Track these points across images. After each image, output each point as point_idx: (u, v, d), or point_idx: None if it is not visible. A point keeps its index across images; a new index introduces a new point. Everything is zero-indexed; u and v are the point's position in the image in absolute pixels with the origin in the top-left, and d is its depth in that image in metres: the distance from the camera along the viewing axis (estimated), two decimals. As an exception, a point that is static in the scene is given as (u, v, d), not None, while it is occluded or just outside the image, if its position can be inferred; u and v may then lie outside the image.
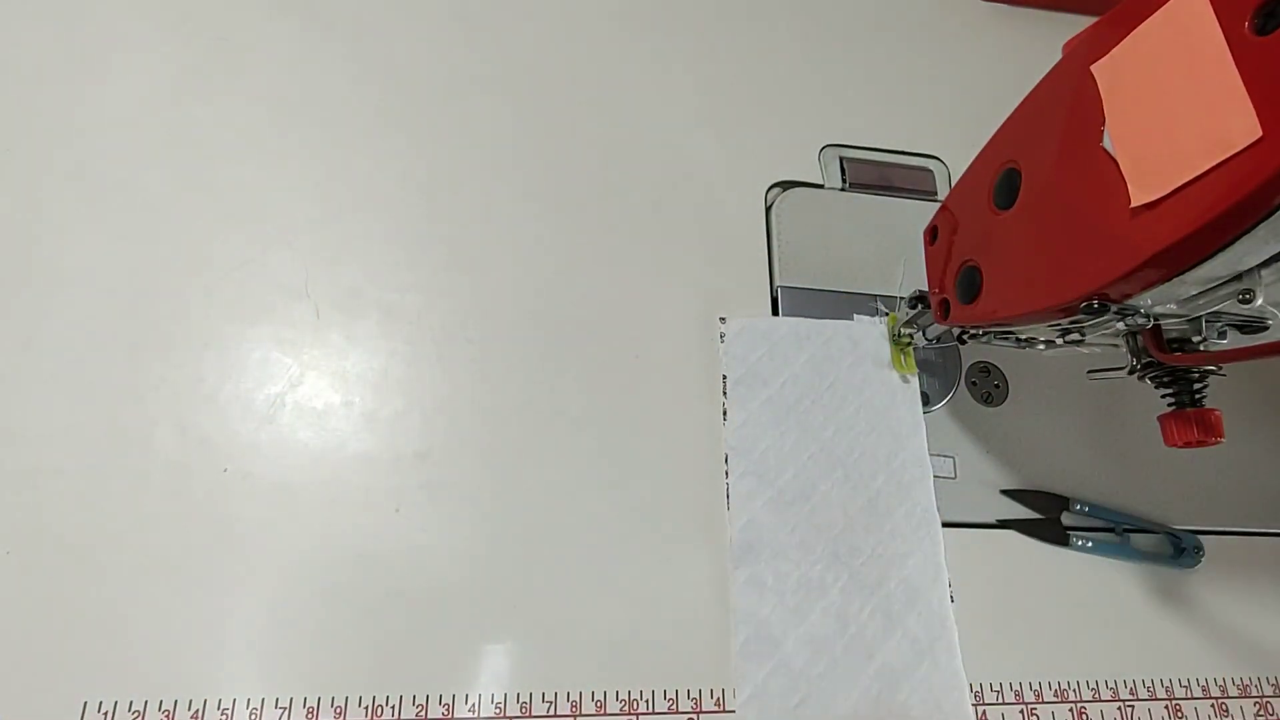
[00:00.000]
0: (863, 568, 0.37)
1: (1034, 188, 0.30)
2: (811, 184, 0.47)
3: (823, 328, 0.42)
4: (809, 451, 0.39)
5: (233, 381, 0.37)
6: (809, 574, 0.37)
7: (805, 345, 0.42)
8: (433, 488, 0.36)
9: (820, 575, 0.37)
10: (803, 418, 0.40)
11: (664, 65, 0.48)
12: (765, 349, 0.41)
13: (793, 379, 0.41)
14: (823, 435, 0.40)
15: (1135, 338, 0.30)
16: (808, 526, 0.38)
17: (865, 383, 0.41)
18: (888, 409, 0.41)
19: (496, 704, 0.33)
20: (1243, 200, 0.21)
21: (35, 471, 0.34)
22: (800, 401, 0.40)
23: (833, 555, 0.37)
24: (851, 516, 0.38)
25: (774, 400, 0.40)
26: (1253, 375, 0.46)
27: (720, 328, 0.42)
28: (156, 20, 0.44)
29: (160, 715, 0.31)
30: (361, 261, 0.40)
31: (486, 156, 0.44)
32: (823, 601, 0.37)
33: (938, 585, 0.37)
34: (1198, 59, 0.22)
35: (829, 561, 0.37)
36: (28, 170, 0.40)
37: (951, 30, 0.54)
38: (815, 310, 0.43)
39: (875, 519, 0.38)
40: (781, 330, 0.42)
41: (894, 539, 0.38)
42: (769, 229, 0.45)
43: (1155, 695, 0.37)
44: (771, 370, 0.41)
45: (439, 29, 0.47)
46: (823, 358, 0.42)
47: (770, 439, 0.40)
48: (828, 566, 0.37)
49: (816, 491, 0.39)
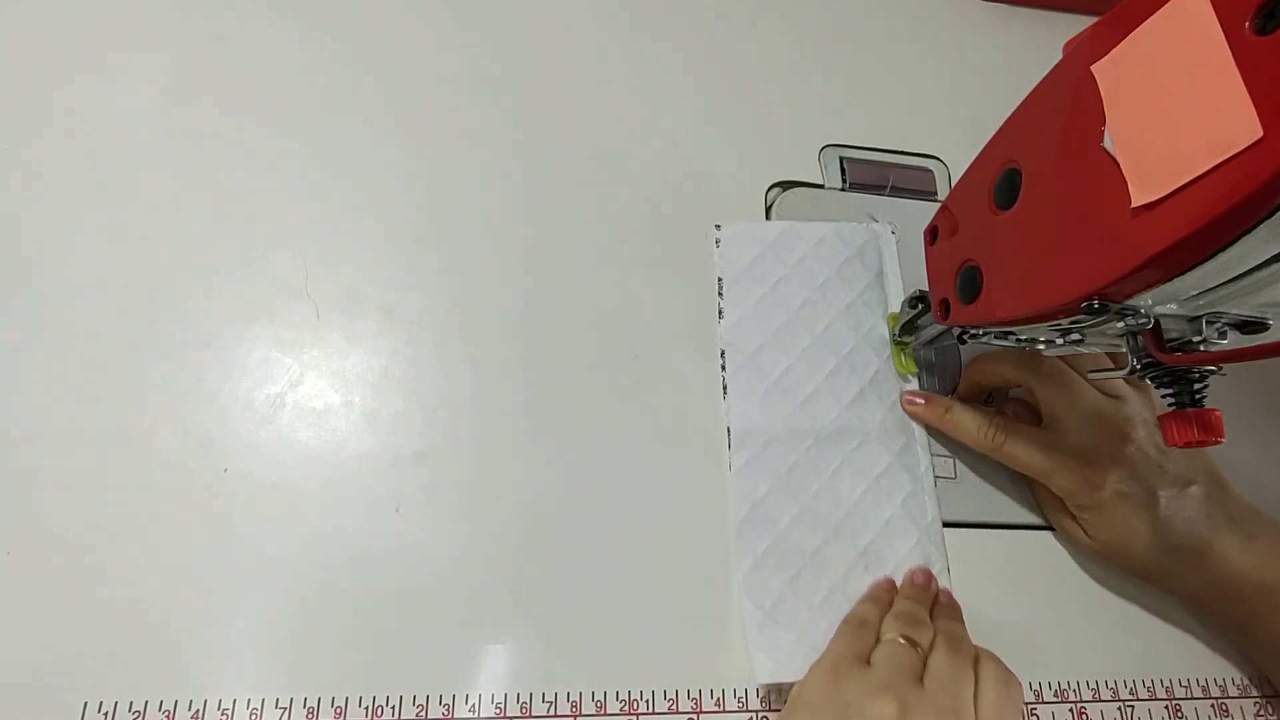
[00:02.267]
0: (856, 452, 0.39)
1: (1034, 188, 0.30)
2: (811, 184, 0.47)
3: (814, 229, 0.44)
4: (803, 345, 0.41)
5: (233, 381, 0.37)
6: (803, 458, 0.39)
7: (797, 246, 0.43)
8: (433, 488, 0.36)
9: (814, 459, 0.39)
10: (796, 314, 0.42)
11: (663, 65, 0.48)
12: (758, 250, 0.43)
13: (785, 278, 0.42)
14: (815, 329, 0.41)
15: (1135, 338, 0.30)
16: (803, 415, 0.40)
17: (856, 279, 0.43)
18: (878, 303, 0.43)
19: (496, 704, 0.33)
20: (1243, 200, 0.21)
21: (35, 471, 0.34)
22: (793, 299, 0.42)
23: (827, 440, 0.39)
24: (845, 405, 0.40)
25: (767, 299, 0.42)
26: (1252, 375, 0.46)
27: (715, 234, 0.44)
28: (156, 20, 0.44)
29: (160, 715, 0.31)
30: (361, 261, 0.40)
31: (487, 157, 0.44)
32: (817, 484, 0.38)
33: (926, 470, 0.40)
34: (1198, 59, 0.22)
35: (823, 446, 0.39)
36: (28, 170, 0.40)
37: (951, 30, 0.54)
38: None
39: (868, 407, 0.40)
40: (774, 232, 0.43)
41: (885, 425, 0.40)
42: (769, 229, 0.45)
43: (1155, 695, 0.37)
44: (765, 270, 0.42)
45: (439, 29, 0.47)
46: (814, 258, 0.43)
47: (765, 335, 0.41)
48: (821, 451, 0.39)
49: (810, 382, 0.40)
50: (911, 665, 0.31)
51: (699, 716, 0.34)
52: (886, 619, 0.34)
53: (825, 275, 0.43)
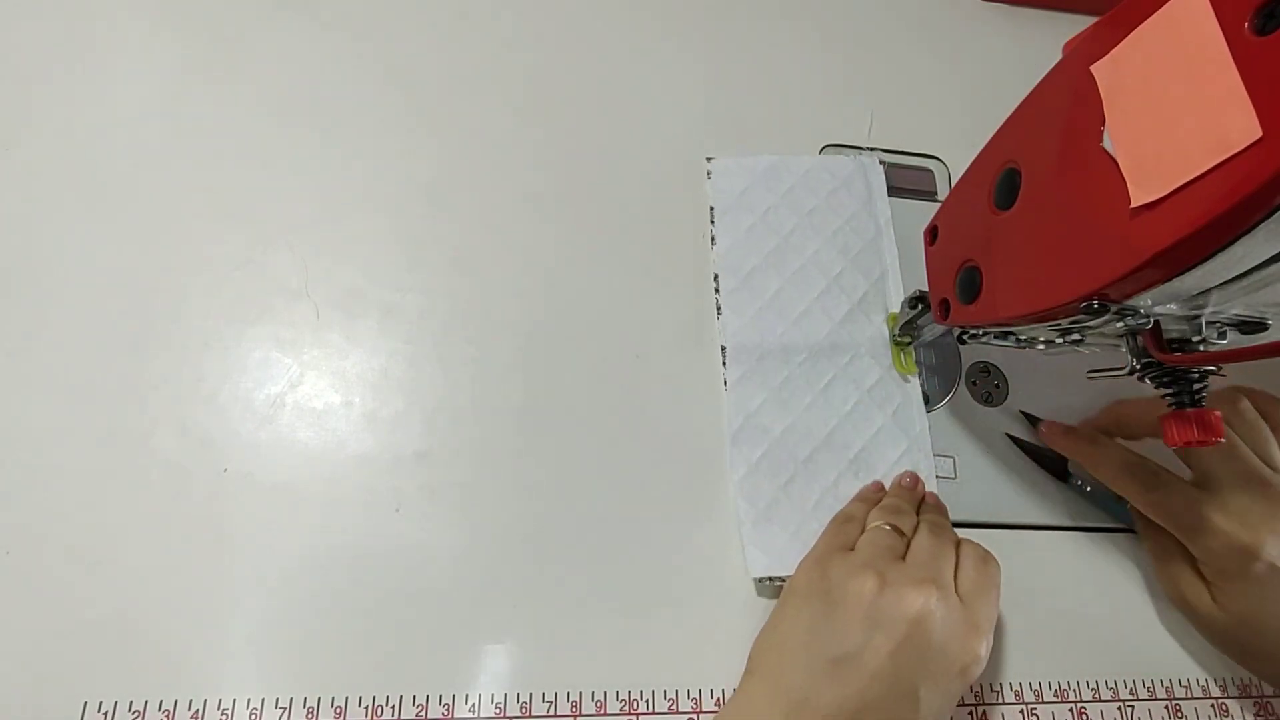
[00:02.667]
0: (848, 366, 0.41)
1: (1034, 188, 0.30)
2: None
3: (801, 162, 0.46)
4: (793, 267, 0.43)
5: (233, 381, 0.37)
6: (796, 372, 0.40)
7: (785, 177, 0.45)
8: (433, 488, 0.36)
9: (807, 373, 0.40)
10: (786, 239, 0.44)
11: (664, 66, 0.48)
12: (748, 182, 0.45)
13: (775, 207, 0.44)
14: (805, 253, 0.43)
15: (1135, 338, 0.30)
16: (795, 331, 0.41)
17: (843, 206, 0.45)
18: (865, 229, 0.44)
19: (496, 704, 0.33)
20: (1243, 200, 0.21)
21: (35, 471, 0.34)
22: (783, 225, 0.44)
23: (819, 354, 0.41)
24: (836, 322, 0.42)
25: (758, 226, 0.44)
26: (1253, 376, 0.46)
27: (707, 166, 0.45)
28: (156, 20, 0.44)
29: (160, 715, 0.31)
30: (361, 261, 0.40)
31: (487, 156, 0.44)
32: (809, 396, 0.40)
33: (914, 384, 0.41)
34: (1198, 59, 0.22)
35: (816, 360, 0.41)
36: (28, 170, 0.40)
37: (951, 30, 0.54)
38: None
39: (858, 324, 0.42)
40: (763, 165, 0.45)
41: (875, 341, 0.42)
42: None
43: (1155, 695, 0.37)
44: (755, 200, 0.44)
45: (440, 29, 0.47)
46: (802, 188, 0.45)
47: (757, 259, 0.43)
48: (814, 365, 0.41)
49: (802, 302, 0.42)
50: (893, 546, 0.33)
51: (699, 716, 0.34)
52: (872, 512, 0.35)
53: (813, 204, 0.44)
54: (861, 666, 0.29)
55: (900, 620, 0.30)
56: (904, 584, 0.31)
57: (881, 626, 0.30)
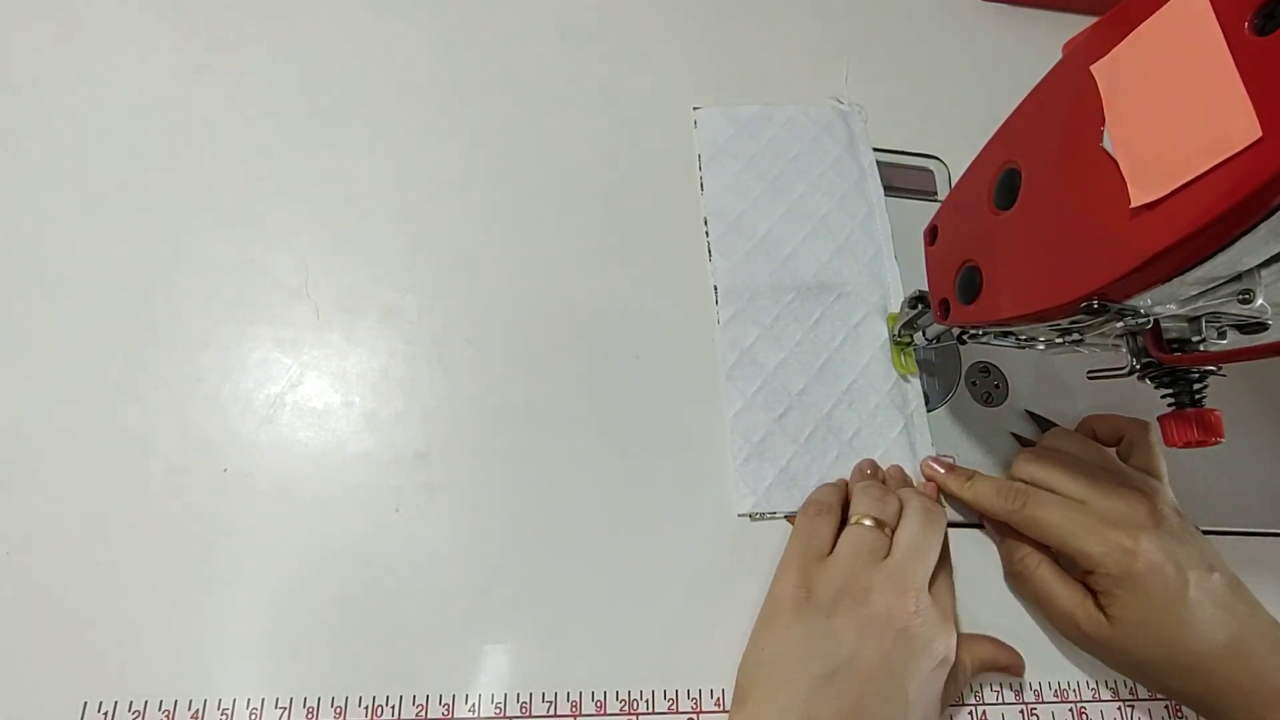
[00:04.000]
0: (834, 304, 0.43)
1: (1034, 188, 0.30)
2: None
3: (785, 110, 0.47)
4: (780, 210, 0.44)
5: (233, 381, 0.37)
6: (786, 310, 0.42)
7: (769, 125, 0.47)
8: (433, 488, 0.36)
9: (796, 311, 0.42)
10: (772, 184, 0.45)
11: (664, 66, 0.48)
12: (734, 130, 0.46)
13: (759, 154, 0.46)
14: (790, 197, 0.45)
15: (1135, 338, 0.30)
16: (784, 272, 0.43)
17: (826, 151, 0.46)
18: (848, 171, 0.46)
19: (496, 704, 0.33)
20: (1243, 200, 0.21)
21: (35, 471, 0.34)
22: (769, 171, 0.45)
23: (807, 293, 0.43)
24: (823, 262, 0.43)
25: (744, 171, 0.45)
26: (1253, 375, 0.46)
27: (694, 115, 0.47)
28: (156, 20, 0.44)
29: (160, 715, 0.31)
30: (361, 261, 0.40)
31: (487, 157, 0.44)
32: (800, 332, 0.42)
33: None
34: (1198, 59, 0.22)
35: (804, 299, 0.42)
36: (28, 170, 0.40)
37: (951, 30, 0.54)
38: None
39: (844, 264, 0.44)
40: (747, 113, 0.47)
41: (861, 280, 0.43)
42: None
43: (1155, 695, 0.37)
44: (740, 147, 0.46)
45: (439, 29, 0.47)
46: (785, 134, 0.47)
47: (744, 204, 0.44)
48: (803, 303, 0.42)
49: (789, 243, 0.44)
50: (875, 549, 0.33)
51: (699, 716, 0.34)
52: (854, 500, 0.36)
53: (797, 150, 0.46)
54: (854, 675, 0.30)
55: (889, 628, 0.31)
56: (890, 593, 0.31)
57: (871, 636, 0.31)
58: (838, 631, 0.31)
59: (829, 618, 0.31)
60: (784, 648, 0.31)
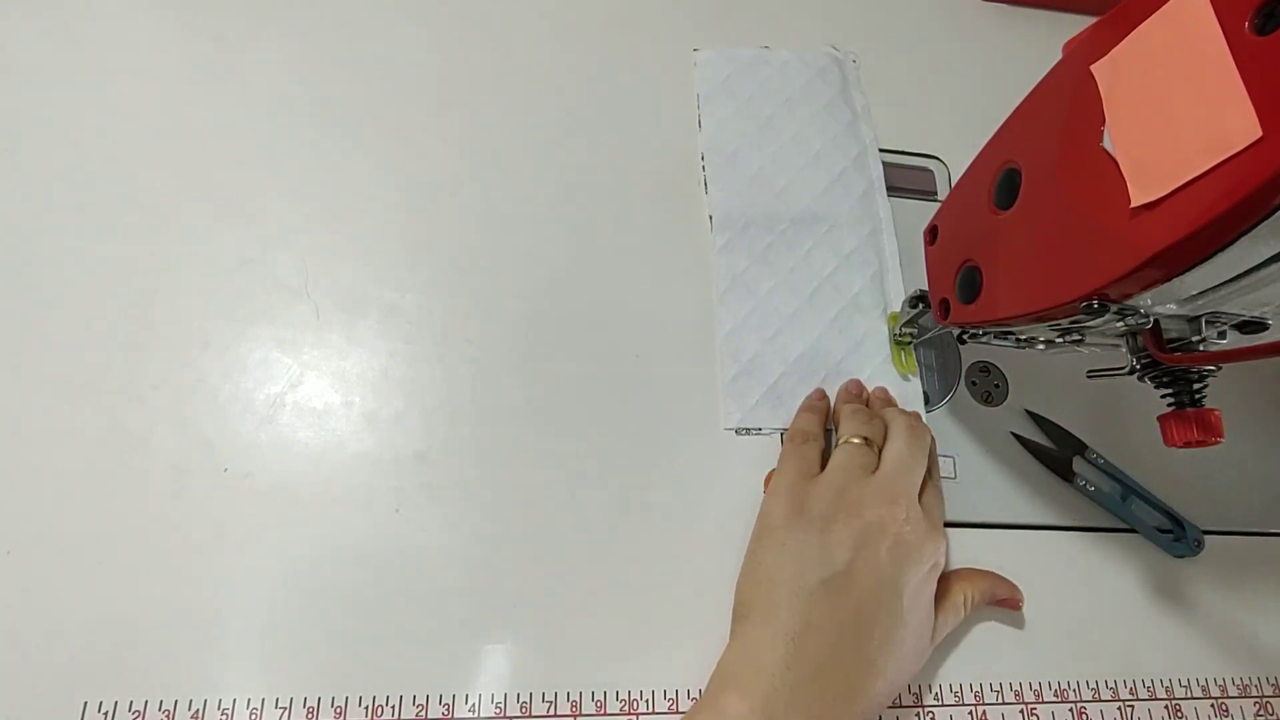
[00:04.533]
0: (827, 235, 0.44)
1: (1034, 188, 0.30)
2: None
3: (779, 54, 0.49)
4: (774, 147, 0.46)
5: (233, 381, 0.37)
6: (779, 239, 0.43)
7: (764, 68, 0.49)
8: (433, 488, 0.36)
9: (789, 240, 0.44)
10: (767, 122, 0.47)
11: (664, 67, 0.48)
12: (731, 70, 0.48)
13: (755, 95, 0.48)
14: (784, 135, 0.46)
15: (1135, 338, 0.30)
16: (778, 203, 0.44)
17: (818, 94, 0.48)
18: (840, 113, 0.48)
19: (496, 704, 0.33)
20: (1243, 200, 0.21)
21: (35, 471, 0.34)
22: (763, 110, 0.47)
23: (800, 224, 0.44)
24: (816, 195, 0.45)
25: (740, 111, 0.47)
26: (1253, 375, 0.46)
27: (694, 57, 0.49)
28: (156, 20, 0.44)
29: (160, 715, 0.31)
30: (361, 261, 0.40)
31: (487, 157, 0.44)
32: (792, 260, 0.43)
33: (892, 253, 0.44)
34: (1198, 59, 0.22)
35: (797, 229, 0.44)
36: (28, 170, 0.40)
37: (951, 30, 0.54)
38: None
39: (836, 197, 0.45)
40: (745, 57, 0.49)
41: (854, 213, 0.45)
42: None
43: (1155, 695, 0.37)
44: (736, 88, 0.48)
45: (438, 29, 0.47)
46: (781, 77, 0.48)
47: (740, 141, 0.46)
48: (796, 233, 0.44)
49: (783, 177, 0.45)
50: (865, 464, 0.35)
51: (699, 716, 0.34)
52: (842, 425, 0.37)
53: (790, 93, 0.48)
54: (851, 581, 0.31)
55: (882, 537, 0.32)
56: (881, 504, 0.33)
57: (866, 545, 0.32)
58: (832, 543, 0.32)
59: (823, 531, 0.32)
60: (780, 561, 0.32)
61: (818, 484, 0.34)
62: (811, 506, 0.33)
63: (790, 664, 0.30)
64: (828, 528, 0.32)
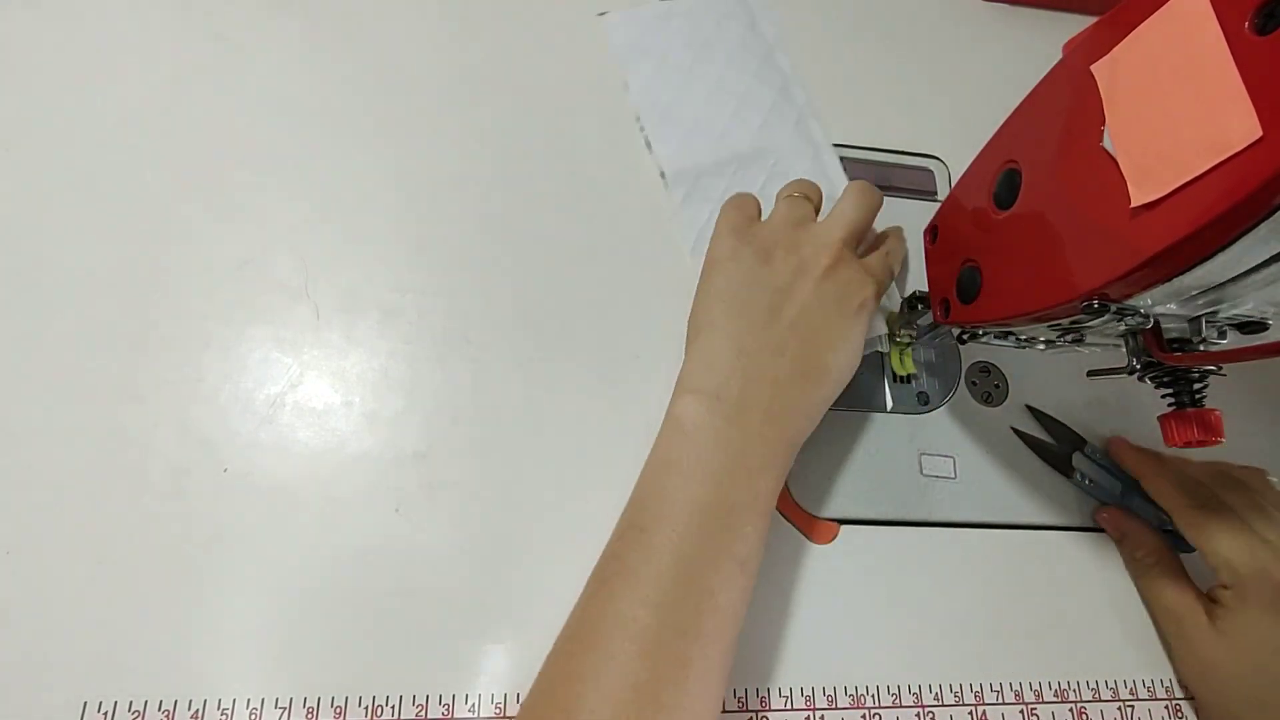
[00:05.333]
0: (775, 166, 0.46)
1: (1034, 188, 0.30)
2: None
3: (683, 2, 0.50)
4: (702, 95, 0.47)
5: (233, 381, 0.37)
6: (733, 182, 0.45)
7: (672, 19, 0.49)
8: (433, 488, 0.36)
9: (742, 180, 0.45)
10: (690, 72, 0.48)
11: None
12: (642, 27, 0.49)
13: (669, 49, 0.48)
14: (708, 81, 0.47)
15: (1135, 338, 0.30)
16: (722, 147, 0.46)
17: (729, 33, 0.49)
18: (755, 48, 0.49)
19: (496, 704, 0.33)
20: (1243, 200, 0.21)
21: (35, 471, 0.34)
22: (685, 60, 0.48)
23: (748, 161, 0.46)
24: (754, 131, 0.47)
25: (665, 64, 0.48)
26: (1253, 375, 0.46)
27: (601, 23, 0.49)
28: (156, 20, 0.44)
29: (160, 715, 0.31)
30: (361, 261, 0.40)
31: (487, 157, 0.44)
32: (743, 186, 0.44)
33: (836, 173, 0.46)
34: (1198, 59, 0.22)
35: (746, 167, 0.46)
36: (28, 170, 0.40)
37: (951, 30, 0.54)
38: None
39: (773, 130, 0.47)
40: (651, 11, 0.49)
41: (794, 141, 0.47)
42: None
43: (1155, 695, 0.37)
44: (650, 45, 0.48)
45: (438, 29, 0.47)
46: (690, 25, 0.49)
47: (669, 94, 0.47)
48: (746, 171, 0.45)
49: (720, 121, 0.46)
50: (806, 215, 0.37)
51: (699, 716, 0.33)
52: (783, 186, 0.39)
53: (702, 38, 0.49)
54: (792, 299, 0.34)
55: (817, 267, 0.35)
56: (818, 245, 0.35)
57: (804, 274, 0.35)
58: (774, 271, 0.35)
59: (765, 262, 0.35)
60: (727, 286, 0.35)
61: (760, 227, 0.37)
62: (753, 243, 0.36)
63: (740, 364, 0.33)
64: (769, 258, 0.35)
